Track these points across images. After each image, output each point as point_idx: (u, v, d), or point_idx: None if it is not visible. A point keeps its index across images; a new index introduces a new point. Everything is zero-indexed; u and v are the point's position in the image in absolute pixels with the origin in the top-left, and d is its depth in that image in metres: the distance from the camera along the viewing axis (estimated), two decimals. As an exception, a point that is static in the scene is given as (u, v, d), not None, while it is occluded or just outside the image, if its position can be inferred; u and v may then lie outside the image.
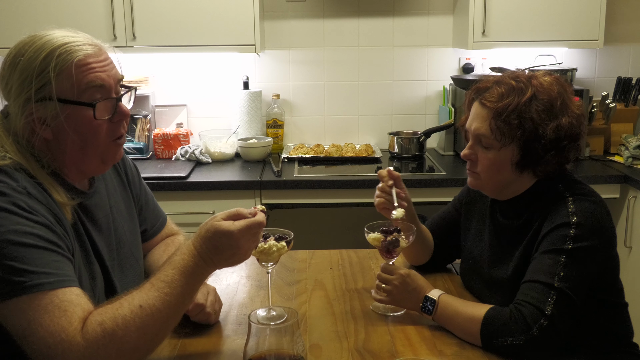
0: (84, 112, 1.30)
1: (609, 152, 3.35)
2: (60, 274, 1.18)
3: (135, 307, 1.17)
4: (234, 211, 1.26)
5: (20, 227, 1.17)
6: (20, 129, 1.30)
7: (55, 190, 1.29)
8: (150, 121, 3.39)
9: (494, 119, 1.54)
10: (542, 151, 1.53)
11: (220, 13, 3.07)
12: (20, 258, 1.14)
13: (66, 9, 3.01)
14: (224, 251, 1.23)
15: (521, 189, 1.61)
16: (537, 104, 1.52)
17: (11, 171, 1.24)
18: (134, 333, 1.16)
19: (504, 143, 1.54)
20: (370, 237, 1.62)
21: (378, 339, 1.48)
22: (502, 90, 1.55)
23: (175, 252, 1.26)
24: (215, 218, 1.25)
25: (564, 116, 1.53)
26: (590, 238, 1.47)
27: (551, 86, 1.55)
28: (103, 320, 1.15)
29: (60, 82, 1.28)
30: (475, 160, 1.61)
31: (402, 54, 3.51)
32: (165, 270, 1.22)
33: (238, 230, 1.22)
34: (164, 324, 1.21)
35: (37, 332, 1.12)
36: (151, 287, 1.20)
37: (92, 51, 1.32)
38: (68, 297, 1.16)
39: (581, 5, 3.11)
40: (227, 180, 2.95)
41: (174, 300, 1.20)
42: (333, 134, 3.59)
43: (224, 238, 1.22)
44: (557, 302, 1.40)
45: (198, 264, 1.23)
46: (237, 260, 1.27)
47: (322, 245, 2.54)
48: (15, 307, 1.13)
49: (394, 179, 1.69)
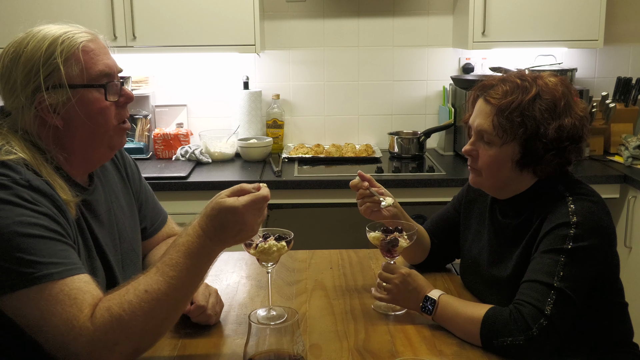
0: (94, 95, 1.33)
1: (609, 152, 3.35)
2: (68, 262, 1.19)
3: (141, 292, 1.18)
4: (237, 187, 1.27)
5: (25, 219, 1.18)
6: (30, 122, 1.31)
7: (59, 186, 1.30)
8: (150, 121, 3.39)
9: (497, 116, 1.54)
10: (543, 150, 1.53)
11: (220, 13, 3.07)
12: (27, 249, 1.15)
13: (66, 9, 3.01)
14: (231, 228, 1.23)
15: (521, 188, 1.61)
16: (540, 103, 1.53)
17: (14, 165, 1.25)
18: (141, 317, 1.17)
19: (506, 140, 1.54)
20: (370, 235, 1.63)
21: (378, 339, 1.49)
22: (506, 88, 1.56)
23: (181, 234, 1.26)
24: (219, 195, 1.25)
25: (567, 117, 1.53)
26: (590, 238, 1.47)
27: (556, 87, 1.55)
28: (110, 306, 1.16)
29: (69, 67, 1.30)
30: (476, 156, 1.62)
31: (402, 54, 3.51)
32: (170, 253, 1.23)
33: (243, 205, 1.22)
34: (171, 307, 1.21)
35: (50, 322, 1.14)
36: (156, 272, 1.21)
37: (92, 37, 1.36)
38: (77, 284, 1.18)
39: (581, 5, 3.11)
40: (227, 180, 2.95)
41: (179, 284, 1.21)
42: (333, 134, 3.59)
43: (230, 214, 1.22)
44: (557, 301, 1.41)
45: (204, 244, 1.23)
46: (244, 236, 1.27)
47: (322, 245, 2.54)
48: (26, 297, 1.15)
49: (367, 180, 1.71)
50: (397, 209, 1.73)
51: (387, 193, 1.73)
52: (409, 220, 1.76)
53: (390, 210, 1.71)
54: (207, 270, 1.27)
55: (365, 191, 1.70)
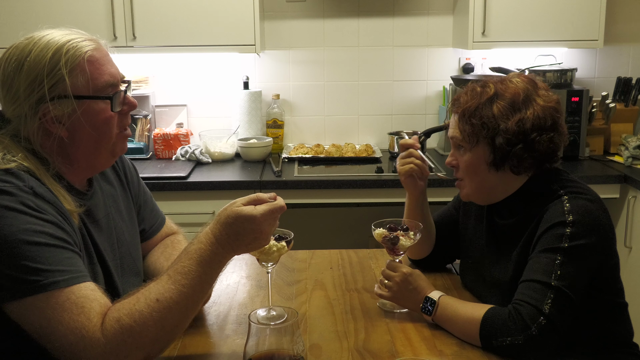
0: (100, 105, 1.33)
1: (608, 152, 3.35)
2: (74, 270, 1.19)
3: (152, 300, 1.18)
4: (253, 196, 1.27)
5: (31, 226, 1.17)
6: (33, 132, 1.30)
7: (62, 196, 1.30)
8: (150, 121, 3.40)
9: (460, 122, 1.61)
10: (509, 145, 1.55)
11: (220, 13, 3.07)
12: (33, 257, 1.15)
13: (66, 9, 3.01)
14: (246, 236, 1.23)
15: (510, 190, 1.62)
16: (499, 101, 1.57)
17: (18, 172, 1.25)
18: (152, 327, 1.17)
19: (473, 143, 1.59)
20: (375, 232, 1.64)
21: (378, 339, 1.49)
22: (467, 97, 1.62)
23: (192, 241, 1.25)
24: (235, 204, 1.25)
25: (528, 109, 1.56)
26: (587, 236, 1.47)
27: (517, 84, 1.59)
28: (120, 317, 1.16)
29: (74, 78, 1.29)
30: (457, 165, 1.67)
31: (402, 54, 3.51)
32: (182, 261, 1.22)
33: (261, 214, 1.23)
34: (182, 315, 1.21)
35: (57, 330, 1.14)
36: (168, 280, 1.21)
37: (96, 45, 1.35)
38: (84, 292, 1.17)
39: (581, 5, 3.11)
40: (227, 180, 2.95)
41: (191, 292, 1.21)
42: (333, 134, 3.59)
43: (247, 223, 1.22)
44: (555, 301, 1.41)
45: (216, 252, 1.23)
46: (257, 245, 1.27)
47: (322, 245, 2.54)
48: (32, 305, 1.15)
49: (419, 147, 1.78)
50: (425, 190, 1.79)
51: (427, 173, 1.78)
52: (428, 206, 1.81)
53: (421, 185, 1.78)
54: (217, 277, 1.27)
55: (417, 152, 1.76)
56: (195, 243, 1.24)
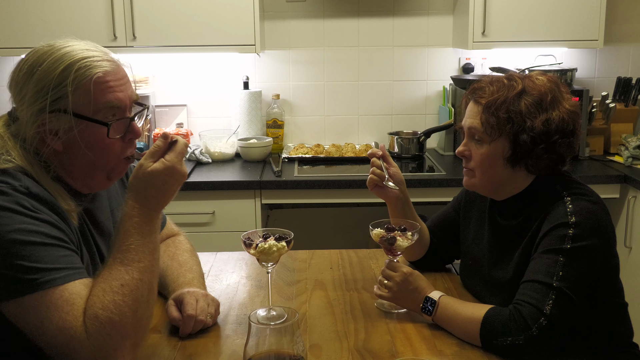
0: (97, 129, 1.32)
1: (608, 152, 3.36)
2: (70, 267, 1.20)
3: (118, 287, 1.19)
4: (152, 150, 1.28)
5: (26, 226, 1.18)
6: (30, 137, 1.30)
7: (60, 196, 1.30)
8: (150, 121, 3.40)
9: (484, 113, 1.57)
10: (532, 144, 1.54)
11: (220, 13, 3.07)
12: (28, 256, 1.16)
13: (67, 9, 3.00)
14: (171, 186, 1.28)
15: (517, 188, 1.61)
16: (526, 98, 1.55)
17: (14, 172, 1.25)
18: (129, 312, 1.18)
19: (494, 136, 1.56)
20: (373, 232, 1.64)
21: (378, 339, 1.49)
22: (493, 88, 1.59)
23: (121, 221, 1.26)
24: (142, 167, 1.26)
25: (554, 110, 1.55)
26: (589, 238, 1.47)
27: (543, 83, 1.58)
28: (96, 313, 1.17)
29: (77, 96, 1.29)
30: (469, 156, 1.63)
31: (402, 54, 3.51)
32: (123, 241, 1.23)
33: (177, 162, 1.27)
34: (149, 288, 1.24)
35: (49, 330, 1.15)
36: (120, 263, 1.21)
37: (110, 68, 1.33)
38: (77, 289, 1.18)
39: (581, 5, 3.11)
40: (227, 180, 2.95)
41: (148, 264, 1.23)
42: (333, 134, 3.59)
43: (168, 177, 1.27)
44: (556, 301, 1.41)
45: (149, 216, 1.26)
46: (176, 184, 1.29)
47: (322, 245, 2.54)
48: (28, 304, 1.15)
49: (383, 154, 1.75)
50: (402, 195, 1.76)
51: (399, 176, 1.75)
52: (413, 212, 1.79)
53: (394, 192, 1.74)
54: (158, 228, 1.29)
55: (377, 160, 1.73)
56: (126, 220, 1.25)
